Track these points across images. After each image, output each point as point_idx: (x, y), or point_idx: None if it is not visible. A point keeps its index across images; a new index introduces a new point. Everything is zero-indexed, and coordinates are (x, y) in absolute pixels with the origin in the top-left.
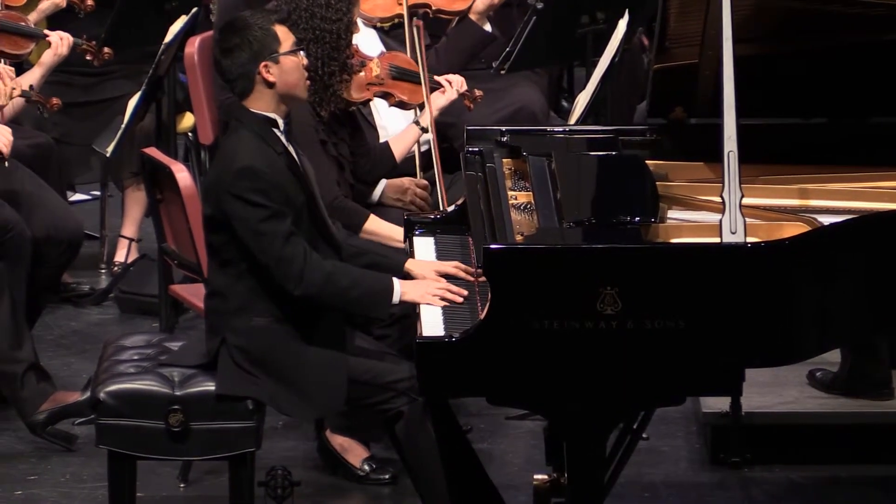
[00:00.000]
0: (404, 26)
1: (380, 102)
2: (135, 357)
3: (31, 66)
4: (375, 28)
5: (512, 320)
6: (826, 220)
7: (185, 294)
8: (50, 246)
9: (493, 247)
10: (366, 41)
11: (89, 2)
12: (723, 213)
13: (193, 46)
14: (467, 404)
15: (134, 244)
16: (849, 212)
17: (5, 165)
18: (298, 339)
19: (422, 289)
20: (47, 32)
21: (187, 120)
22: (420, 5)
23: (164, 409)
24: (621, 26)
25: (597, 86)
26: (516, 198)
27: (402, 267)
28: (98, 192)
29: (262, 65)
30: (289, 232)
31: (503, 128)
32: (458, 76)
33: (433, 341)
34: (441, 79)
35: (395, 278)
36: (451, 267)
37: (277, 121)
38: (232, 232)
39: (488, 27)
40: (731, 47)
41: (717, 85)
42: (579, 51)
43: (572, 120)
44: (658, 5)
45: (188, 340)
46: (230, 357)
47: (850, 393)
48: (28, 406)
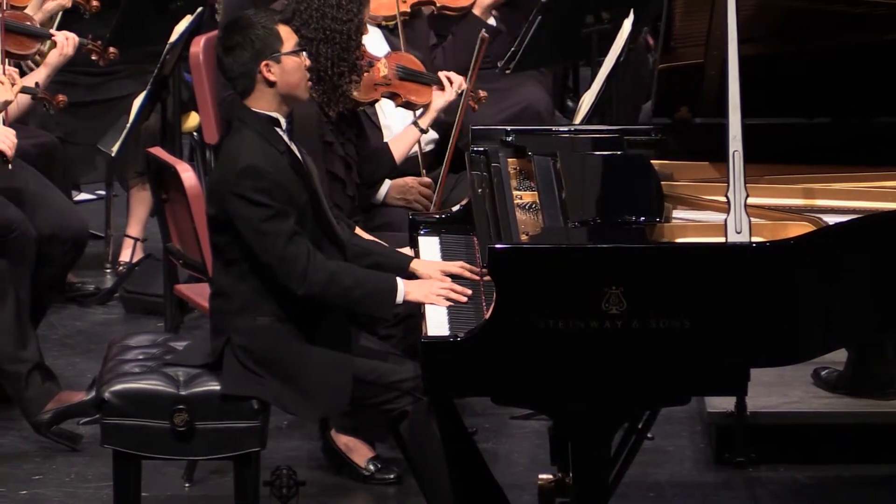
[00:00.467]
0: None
1: (385, 102)
2: (140, 357)
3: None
4: (380, 27)
5: (517, 320)
6: (831, 219)
7: (190, 294)
8: (55, 245)
9: (498, 246)
10: (372, 41)
11: (94, 2)
12: (728, 212)
13: (198, 46)
14: (472, 404)
15: (139, 244)
16: (853, 211)
17: (9, 167)
18: (303, 339)
19: (425, 289)
20: (53, 32)
21: (192, 119)
22: (424, 2)
23: (169, 408)
24: (626, 26)
25: (602, 85)
26: (521, 197)
27: (406, 267)
28: (103, 192)
29: (264, 64)
30: (292, 231)
31: (508, 127)
32: (458, 76)
33: (438, 341)
34: (442, 75)
35: (398, 278)
36: (457, 267)
37: (280, 120)
38: (235, 231)
39: (493, 22)
40: (735, 47)
41: (722, 85)
42: (584, 50)
43: (577, 119)
44: (663, 5)
45: (193, 340)
46: (235, 357)
47: (856, 392)
48: (33, 406)
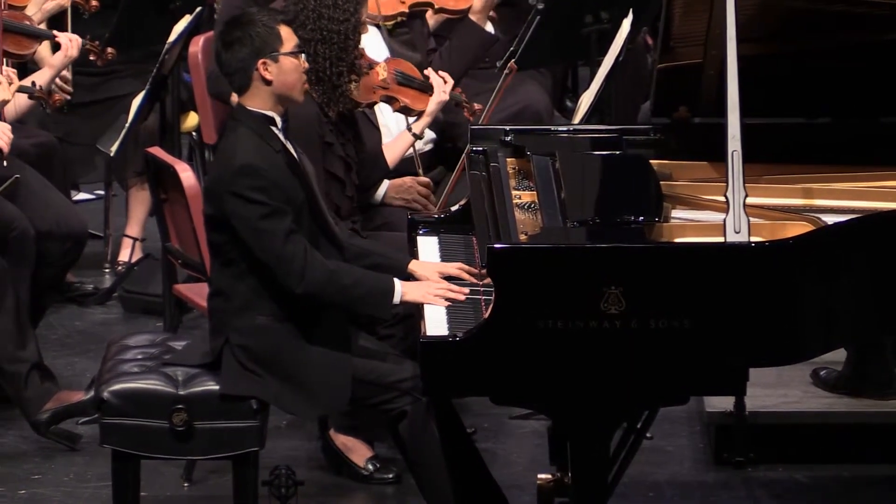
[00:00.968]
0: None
1: (383, 105)
2: (139, 356)
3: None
4: (379, 27)
5: (516, 320)
6: (830, 219)
7: (188, 293)
8: (54, 245)
9: (497, 246)
10: (371, 44)
11: (94, 2)
12: (727, 212)
13: (197, 46)
14: (471, 404)
15: (138, 243)
16: (853, 211)
17: (4, 164)
18: (301, 339)
19: (423, 289)
20: (56, 34)
21: (191, 119)
22: (422, 4)
23: (168, 408)
24: (625, 26)
25: (601, 85)
26: (520, 197)
27: (404, 268)
28: (102, 192)
29: (261, 62)
30: (289, 230)
31: (507, 127)
32: (447, 74)
33: (437, 341)
34: (432, 73)
35: (396, 279)
36: (455, 268)
37: (275, 119)
38: (233, 231)
39: (490, 28)
40: (734, 47)
41: (721, 84)
42: (583, 50)
43: (576, 119)
44: (662, 5)
45: (192, 340)
46: (234, 356)
47: (855, 392)
48: (32, 405)
